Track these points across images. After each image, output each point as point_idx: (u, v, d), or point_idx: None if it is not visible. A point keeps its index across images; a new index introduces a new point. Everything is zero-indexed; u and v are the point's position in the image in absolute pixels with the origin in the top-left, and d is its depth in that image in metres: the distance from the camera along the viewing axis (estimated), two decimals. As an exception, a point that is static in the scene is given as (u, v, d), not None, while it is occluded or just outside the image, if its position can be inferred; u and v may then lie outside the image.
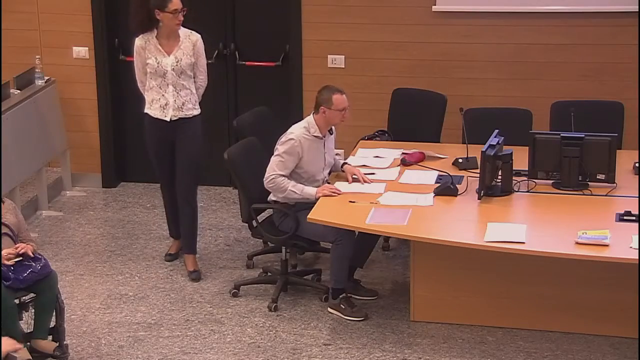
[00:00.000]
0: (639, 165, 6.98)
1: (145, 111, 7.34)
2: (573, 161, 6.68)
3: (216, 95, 8.58)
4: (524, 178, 6.82)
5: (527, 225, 6.20)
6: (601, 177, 6.69)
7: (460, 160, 7.16)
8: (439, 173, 7.03)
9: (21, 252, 6.01)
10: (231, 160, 6.88)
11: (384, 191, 6.79)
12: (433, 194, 6.68)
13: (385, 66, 8.56)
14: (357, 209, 6.54)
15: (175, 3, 7.07)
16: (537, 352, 6.30)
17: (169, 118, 7.25)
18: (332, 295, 6.81)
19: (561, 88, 8.28)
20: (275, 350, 6.39)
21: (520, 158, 6.75)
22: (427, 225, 6.33)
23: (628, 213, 6.28)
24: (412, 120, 7.93)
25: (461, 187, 6.76)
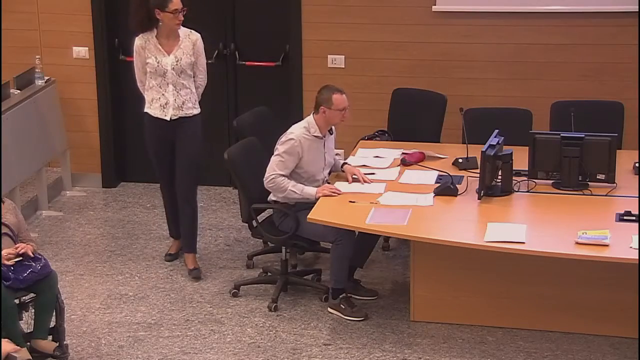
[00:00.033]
0: (639, 165, 6.98)
1: (145, 110, 7.34)
2: (573, 161, 6.68)
3: (216, 95, 8.58)
4: (524, 178, 6.82)
5: (527, 225, 6.19)
6: (601, 177, 6.69)
7: (460, 160, 7.16)
8: (439, 173, 7.03)
9: (21, 252, 6.01)
10: (231, 160, 6.88)
11: (384, 191, 6.79)
12: (433, 194, 6.68)
13: (385, 66, 8.56)
14: (357, 209, 6.54)
15: (175, 3, 7.07)
16: (537, 352, 6.30)
17: (169, 117, 7.24)
18: (332, 295, 6.81)
19: (561, 88, 8.28)
20: (275, 350, 6.39)
21: (520, 158, 6.75)
22: (427, 225, 6.32)
23: (628, 213, 6.28)
24: (412, 120, 7.93)
25: (461, 187, 6.76)
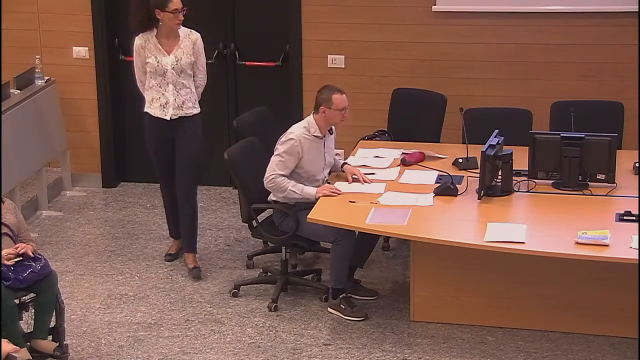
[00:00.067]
0: (639, 165, 6.98)
1: (145, 110, 7.34)
2: (573, 161, 6.67)
3: (216, 95, 8.58)
4: (524, 178, 6.82)
5: (527, 225, 6.19)
6: (601, 177, 6.69)
7: (460, 160, 7.16)
8: (439, 173, 7.02)
9: (21, 252, 6.01)
10: (231, 160, 6.88)
11: (384, 191, 6.79)
12: (433, 194, 6.68)
13: (385, 66, 8.56)
14: (357, 209, 6.53)
15: (175, 3, 7.07)
16: (537, 352, 6.30)
17: (169, 117, 7.24)
18: (332, 295, 6.81)
19: (561, 88, 8.28)
20: (275, 350, 6.39)
21: (520, 158, 6.75)
22: (427, 225, 6.32)
23: (628, 213, 6.28)
24: (412, 120, 7.93)
25: (461, 187, 6.76)
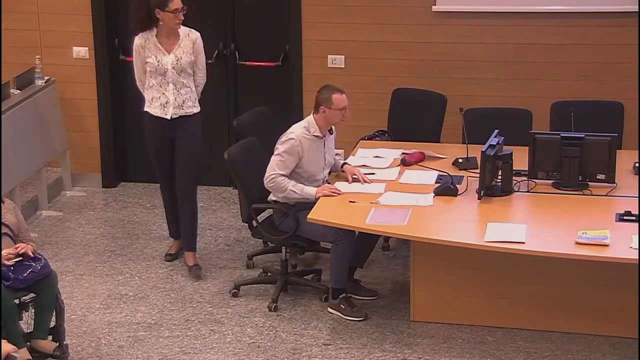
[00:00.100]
0: (639, 165, 6.98)
1: (145, 109, 7.33)
2: (573, 161, 6.67)
3: (216, 95, 8.58)
4: (524, 178, 6.81)
5: (527, 225, 6.19)
6: (601, 177, 6.69)
7: (460, 160, 7.16)
8: (439, 173, 7.02)
9: (21, 252, 6.01)
10: (231, 160, 6.88)
11: (384, 191, 6.78)
12: (433, 194, 6.68)
13: (385, 66, 8.56)
14: (357, 209, 6.53)
15: (176, 2, 7.07)
16: (537, 352, 6.30)
17: (170, 116, 7.24)
18: (332, 295, 6.81)
19: (561, 88, 8.28)
20: (275, 350, 6.39)
21: (520, 158, 6.75)
22: (427, 225, 6.32)
23: (628, 213, 6.28)
24: (412, 120, 7.93)
25: (461, 187, 6.76)
